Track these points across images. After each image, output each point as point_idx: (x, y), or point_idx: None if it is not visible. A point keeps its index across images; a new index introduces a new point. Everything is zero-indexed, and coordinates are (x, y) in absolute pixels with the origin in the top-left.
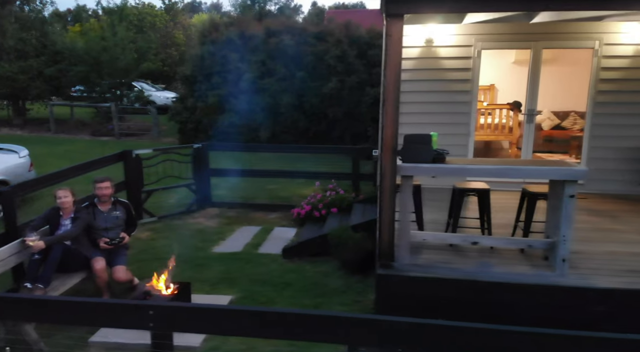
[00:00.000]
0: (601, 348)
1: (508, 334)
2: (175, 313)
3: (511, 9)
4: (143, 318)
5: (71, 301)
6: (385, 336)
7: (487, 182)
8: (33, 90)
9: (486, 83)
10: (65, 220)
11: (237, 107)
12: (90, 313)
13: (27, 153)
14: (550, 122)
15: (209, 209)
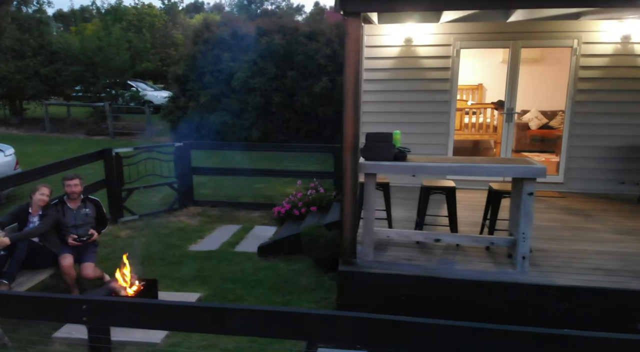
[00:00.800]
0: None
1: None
2: (109, 307)
3: (463, 7)
4: (76, 312)
5: (4, 294)
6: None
7: (457, 180)
8: (29, 90)
9: (474, 82)
10: (34, 217)
11: (229, 106)
12: (24, 306)
13: (13, 152)
14: (537, 121)
15: (192, 208)
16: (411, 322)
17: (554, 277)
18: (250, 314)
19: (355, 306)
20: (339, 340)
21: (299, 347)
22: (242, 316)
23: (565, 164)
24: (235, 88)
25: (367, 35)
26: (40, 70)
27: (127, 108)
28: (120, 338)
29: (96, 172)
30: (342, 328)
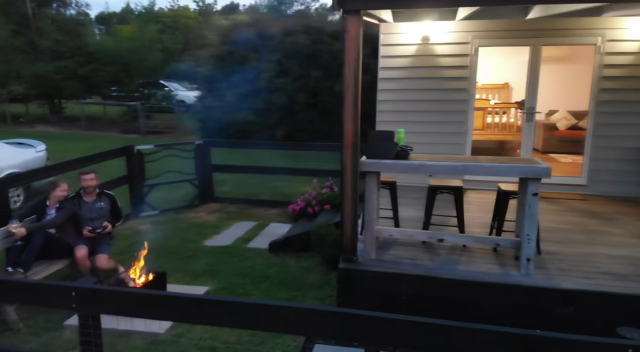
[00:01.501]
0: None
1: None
2: (97, 295)
3: (466, 3)
4: (65, 298)
5: (3, 280)
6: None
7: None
8: (67, 89)
9: (500, 82)
10: (51, 210)
11: (254, 105)
12: (19, 292)
13: (44, 148)
14: (566, 122)
15: (211, 204)
16: (379, 317)
17: (560, 281)
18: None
19: (356, 303)
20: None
21: (298, 342)
22: (219, 306)
23: (588, 166)
24: (260, 88)
25: (383, 34)
26: (77, 70)
27: (159, 107)
28: (125, 327)
29: (123, 169)
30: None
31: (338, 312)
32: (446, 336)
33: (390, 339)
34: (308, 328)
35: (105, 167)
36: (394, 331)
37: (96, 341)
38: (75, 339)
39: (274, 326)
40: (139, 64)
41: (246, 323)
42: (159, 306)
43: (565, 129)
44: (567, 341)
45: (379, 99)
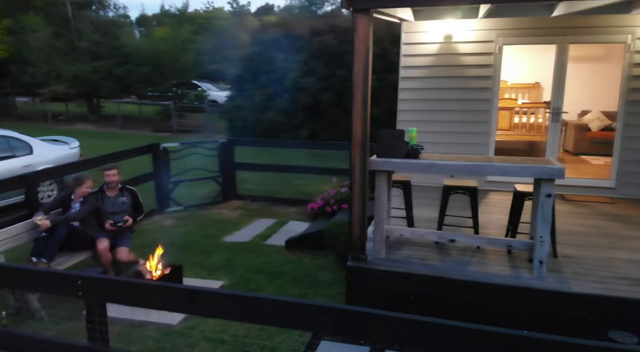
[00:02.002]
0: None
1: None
2: (102, 284)
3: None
4: (72, 286)
5: (12, 267)
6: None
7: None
8: (104, 88)
9: (530, 81)
10: (75, 203)
11: (281, 105)
12: (32, 280)
13: (78, 144)
14: (599, 122)
15: (234, 201)
16: (364, 312)
17: (572, 284)
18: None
19: (363, 301)
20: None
21: (304, 338)
22: (212, 298)
23: (617, 168)
24: (287, 88)
25: (405, 33)
26: (113, 70)
27: (191, 107)
28: (140, 318)
29: (142, 165)
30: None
31: (328, 307)
32: (431, 333)
33: (376, 334)
34: (291, 321)
35: (134, 164)
36: (380, 327)
37: (101, 328)
38: (82, 328)
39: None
40: (171, 65)
41: (238, 315)
42: (158, 296)
43: (598, 130)
44: (554, 342)
45: (400, 98)
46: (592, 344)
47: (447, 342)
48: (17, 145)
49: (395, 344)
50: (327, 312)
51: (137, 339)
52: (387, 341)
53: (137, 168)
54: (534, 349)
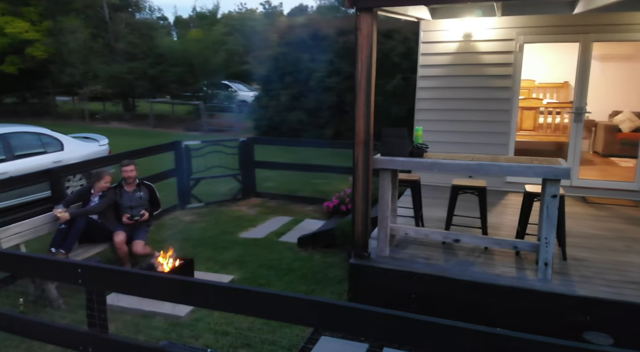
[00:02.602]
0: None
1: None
2: (100, 273)
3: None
4: (72, 274)
5: (16, 254)
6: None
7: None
8: (138, 88)
9: (559, 80)
10: (95, 197)
11: (306, 105)
12: (35, 267)
13: (107, 142)
14: (630, 123)
15: (253, 199)
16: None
17: (578, 287)
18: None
19: (365, 299)
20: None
21: (306, 332)
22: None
23: None
24: (312, 87)
25: (424, 31)
26: (147, 71)
27: (220, 107)
28: (150, 309)
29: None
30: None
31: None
32: (404, 328)
33: (355, 329)
34: (283, 315)
35: (158, 161)
36: (358, 321)
37: (100, 315)
38: None
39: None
40: (203, 65)
41: (219, 305)
42: (152, 287)
43: (629, 131)
44: (528, 341)
45: (418, 97)
46: (564, 343)
47: (421, 338)
48: (49, 142)
49: (371, 337)
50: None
51: (144, 328)
52: (363, 333)
53: (161, 165)
54: (506, 346)
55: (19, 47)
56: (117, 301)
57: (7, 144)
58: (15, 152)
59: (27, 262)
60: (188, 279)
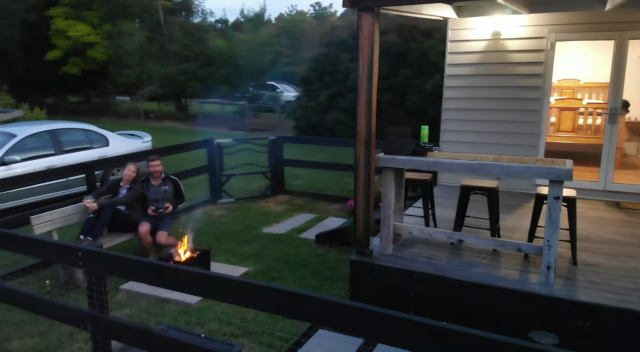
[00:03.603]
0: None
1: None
2: (98, 257)
3: None
4: (74, 257)
5: (27, 237)
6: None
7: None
8: (189, 89)
9: (603, 80)
10: (123, 189)
11: (343, 105)
12: (40, 249)
13: (150, 139)
14: None
15: (281, 196)
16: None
17: (581, 293)
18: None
19: (364, 296)
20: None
21: (306, 325)
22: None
23: None
24: (350, 87)
25: (451, 30)
26: (198, 72)
27: (265, 107)
28: (165, 296)
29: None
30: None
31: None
32: (356, 317)
33: (314, 316)
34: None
35: (193, 156)
36: (315, 309)
37: (99, 297)
38: (123, 300)
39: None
40: (249, 67)
41: (197, 290)
42: (143, 272)
43: None
44: (470, 336)
45: (445, 97)
46: (508, 341)
47: (371, 328)
48: (96, 138)
49: (326, 325)
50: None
51: (156, 314)
52: (321, 322)
53: (198, 161)
54: (449, 339)
55: (81, 49)
56: (135, 287)
57: (56, 139)
58: (64, 147)
59: (37, 245)
60: (169, 265)
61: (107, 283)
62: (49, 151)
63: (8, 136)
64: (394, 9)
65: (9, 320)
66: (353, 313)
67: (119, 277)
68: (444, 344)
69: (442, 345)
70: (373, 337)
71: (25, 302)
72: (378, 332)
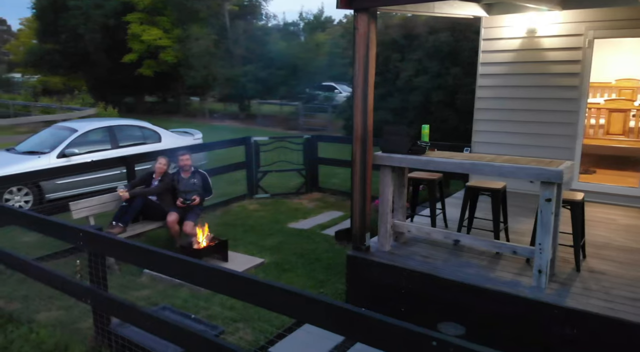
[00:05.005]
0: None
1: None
2: (97, 238)
3: None
4: (75, 237)
5: (35, 216)
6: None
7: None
8: (250, 90)
9: None
10: (155, 181)
11: (392, 105)
12: (46, 227)
13: (201, 136)
14: None
15: (315, 193)
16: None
17: (572, 299)
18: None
19: (359, 290)
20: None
21: None
22: (163, 258)
23: None
24: (399, 87)
25: (485, 28)
26: (258, 74)
27: (319, 107)
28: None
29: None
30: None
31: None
32: (278, 298)
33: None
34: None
35: (231, 153)
36: (259, 293)
37: (98, 274)
38: (145, 283)
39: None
40: (305, 68)
41: (181, 275)
42: (132, 254)
43: None
44: (382, 322)
45: (478, 96)
46: (418, 330)
47: (302, 312)
48: (149, 134)
49: (260, 305)
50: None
51: (171, 296)
52: (257, 303)
53: (234, 157)
54: (363, 325)
55: (154, 53)
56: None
57: (113, 135)
58: (120, 143)
59: (45, 224)
60: (157, 250)
61: (105, 262)
62: (106, 146)
63: (70, 131)
64: (391, 9)
65: (41, 294)
66: (280, 294)
67: (111, 257)
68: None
69: (361, 329)
70: (303, 320)
71: (36, 274)
72: (307, 316)
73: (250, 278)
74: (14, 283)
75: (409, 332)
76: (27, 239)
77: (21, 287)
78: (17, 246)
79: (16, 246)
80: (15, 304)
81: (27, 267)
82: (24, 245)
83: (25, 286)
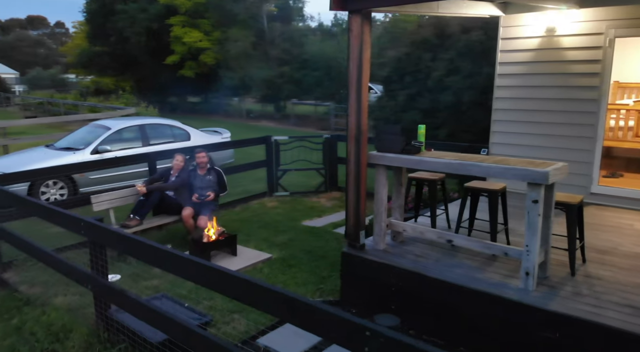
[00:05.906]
0: None
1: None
2: (97, 228)
3: None
4: (77, 226)
5: (40, 204)
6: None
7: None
8: (285, 91)
9: None
10: (172, 177)
11: (422, 105)
12: (52, 216)
13: (229, 135)
14: None
15: (334, 192)
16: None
17: (557, 303)
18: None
19: (352, 287)
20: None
21: None
22: (151, 251)
23: None
24: (430, 87)
25: (503, 27)
26: (293, 75)
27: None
28: None
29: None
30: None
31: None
32: (230, 284)
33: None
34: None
35: (253, 151)
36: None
37: (97, 262)
38: (157, 273)
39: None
40: (340, 68)
41: (167, 268)
42: (126, 245)
43: None
44: (322, 311)
45: (496, 97)
46: (354, 320)
47: (243, 295)
48: (179, 133)
49: (223, 294)
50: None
51: (179, 285)
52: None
53: (257, 155)
54: (305, 312)
55: (194, 54)
56: None
57: (144, 133)
58: (150, 141)
59: (50, 212)
60: (148, 242)
61: (104, 251)
62: (137, 143)
63: (104, 129)
64: (386, 10)
65: (61, 280)
66: (237, 283)
67: (106, 245)
68: (304, 316)
69: (303, 317)
70: (253, 306)
71: (48, 261)
72: (256, 302)
73: (200, 262)
74: (37, 270)
75: (345, 322)
76: (56, 229)
77: (44, 274)
78: (47, 237)
79: (46, 237)
80: (36, 288)
81: (43, 256)
82: (52, 236)
83: (48, 272)
